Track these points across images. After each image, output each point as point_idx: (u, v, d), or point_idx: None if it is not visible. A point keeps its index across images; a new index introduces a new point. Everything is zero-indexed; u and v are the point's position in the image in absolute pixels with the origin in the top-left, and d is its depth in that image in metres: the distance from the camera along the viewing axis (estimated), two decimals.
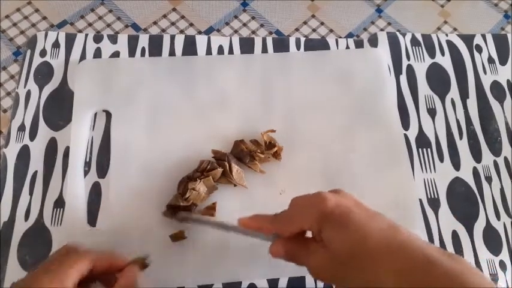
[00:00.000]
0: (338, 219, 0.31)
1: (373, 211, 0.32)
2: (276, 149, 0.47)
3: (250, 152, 0.46)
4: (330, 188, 0.36)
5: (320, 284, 0.44)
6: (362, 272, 0.30)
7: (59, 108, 0.50)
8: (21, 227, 0.45)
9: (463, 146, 0.52)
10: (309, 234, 0.35)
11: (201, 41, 0.55)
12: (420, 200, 0.48)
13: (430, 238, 0.47)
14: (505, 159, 0.52)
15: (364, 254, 0.30)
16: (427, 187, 0.49)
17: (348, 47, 0.56)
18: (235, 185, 0.46)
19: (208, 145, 0.47)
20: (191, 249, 0.44)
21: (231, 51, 0.55)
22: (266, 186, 0.47)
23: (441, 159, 0.51)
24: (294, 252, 0.34)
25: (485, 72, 0.57)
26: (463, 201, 0.49)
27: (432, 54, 0.57)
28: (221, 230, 0.39)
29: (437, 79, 0.56)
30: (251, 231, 0.37)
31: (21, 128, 0.49)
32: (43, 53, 0.53)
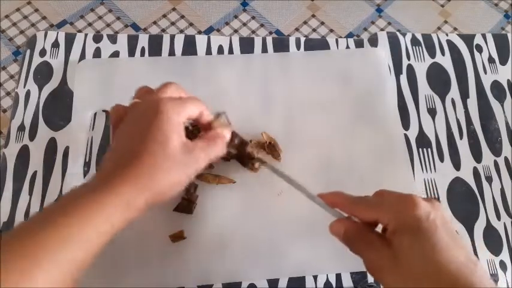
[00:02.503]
0: (422, 232, 0.30)
1: (455, 234, 0.31)
2: (276, 149, 0.47)
3: (251, 157, 0.45)
4: (330, 188, 0.35)
5: (320, 284, 0.44)
6: None
7: (58, 108, 0.50)
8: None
9: (463, 145, 0.52)
10: (378, 229, 0.34)
11: (201, 41, 0.55)
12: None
13: None
14: (505, 159, 0.52)
15: (429, 279, 0.29)
16: (427, 187, 0.49)
17: (348, 47, 0.56)
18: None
19: None
20: (191, 249, 0.44)
21: (231, 51, 0.55)
22: (265, 186, 0.47)
23: (441, 159, 0.51)
24: (353, 238, 0.33)
25: (485, 72, 0.57)
26: (463, 201, 0.49)
27: (432, 54, 0.57)
28: (291, 184, 0.38)
29: (438, 79, 0.56)
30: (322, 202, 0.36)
31: (21, 128, 0.49)
32: (43, 52, 0.53)
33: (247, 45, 0.56)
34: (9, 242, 0.27)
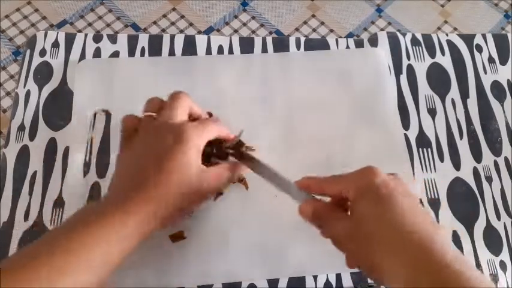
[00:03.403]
0: (380, 197, 0.30)
1: (417, 203, 0.32)
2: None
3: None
4: None
5: (320, 284, 0.44)
6: (376, 253, 0.29)
7: (58, 108, 0.50)
8: (20, 227, 0.44)
9: (463, 146, 0.52)
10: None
11: (200, 41, 0.55)
12: (420, 200, 0.48)
13: None
14: (506, 159, 0.52)
15: (387, 242, 0.29)
16: (427, 187, 0.49)
17: (348, 47, 0.56)
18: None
19: None
20: (191, 249, 0.44)
21: (231, 51, 0.55)
22: (266, 186, 0.47)
23: (441, 159, 0.51)
24: (320, 215, 0.34)
25: (485, 72, 0.57)
26: (463, 201, 0.49)
27: (432, 54, 0.57)
28: (263, 175, 0.39)
29: (438, 79, 0.56)
30: (288, 188, 0.37)
31: (21, 128, 0.49)
32: (43, 52, 0.53)
33: (247, 45, 0.56)
34: (12, 270, 0.27)
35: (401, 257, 0.28)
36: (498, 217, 0.49)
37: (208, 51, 0.55)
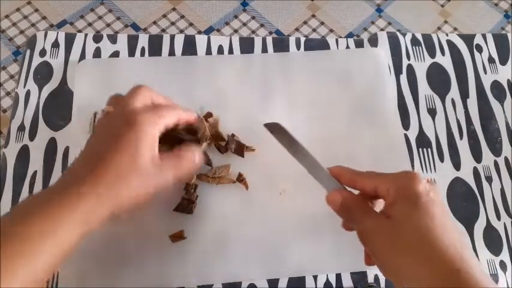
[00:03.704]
0: (421, 206, 0.30)
1: (451, 218, 0.33)
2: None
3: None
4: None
5: (320, 284, 0.44)
6: (405, 257, 0.30)
7: (58, 108, 0.50)
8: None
9: (463, 146, 0.52)
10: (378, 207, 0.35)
11: (200, 41, 0.55)
12: None
13: None
14: (505, 159, 0.52)
15: (423, 250, 0.29)
16: None
17: (348, 47, 0.56)
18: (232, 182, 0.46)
19: None
20: (191, 249, 0.44)
21: (231, 51, 0.55)
22: (266, 186, 0.47)
23: (441, 159, 0.51)
24: (351, 206, 0.34)
25: (485, 72, 0.57)
26: (464, 201, 0.49)
27: (432, 54, 0.57)
28: (295, 154, 0.38)
29: (438, 79, 0.56)
30: (320, 174, 0.36)
31: (21, 128, 0.49)
32: (43, 52, 0.53)
33: (247, 45, 0.56)
34: None
35: (430, 267, 0.29)
36: (498, 217, 0.49)
37: (208, 51, 0.55)
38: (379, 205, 0.35)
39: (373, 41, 0.57)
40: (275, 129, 0.39)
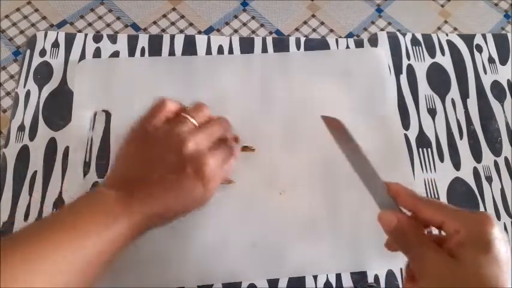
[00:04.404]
0: (494, 252, 0.29)
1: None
2: None
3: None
4: (330, 188, 0.35)
5: (320, 284, 0.44)
6: None
7: (58, 108, 0.50)
8: (20, 227, 0.44)
9: (463, 146, 0.52)
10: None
11: (200, 41, 0.55)
12: None
13: None
14: (506, 159, 0.52)
15: None
16: (427, 187, 0.49)
17: (348, 47, 0.56)
18: None
19: None
20: (191, 249, 0.44)
21: (231, 51, 0.55)
22: (266, 186, 0.47)
23: (441, 159, 0.51)
24: (407, 232, 0.31)
25: (485, 72, 0.57)
26: (464, 202, 0.49)
27: (432, 54, 0.57)
28: (353, 163, 0.35)
29: (438, 79, 0.56)
30: (375, 187, 0.34)
31: (21, 128, 0.49)
32: (43, 52, 0.53)
33: (247, 45, 0.56)
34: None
35: None
36: (498, 217, 0.49)
37: (208, 51, 0.55)
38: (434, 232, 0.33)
39: (373, 41, 0.57)
40: (333, 124, 0.36)
